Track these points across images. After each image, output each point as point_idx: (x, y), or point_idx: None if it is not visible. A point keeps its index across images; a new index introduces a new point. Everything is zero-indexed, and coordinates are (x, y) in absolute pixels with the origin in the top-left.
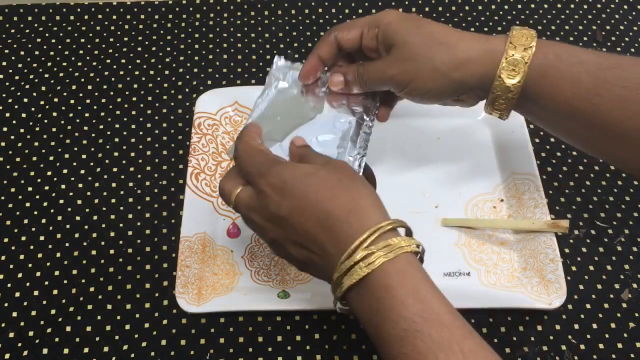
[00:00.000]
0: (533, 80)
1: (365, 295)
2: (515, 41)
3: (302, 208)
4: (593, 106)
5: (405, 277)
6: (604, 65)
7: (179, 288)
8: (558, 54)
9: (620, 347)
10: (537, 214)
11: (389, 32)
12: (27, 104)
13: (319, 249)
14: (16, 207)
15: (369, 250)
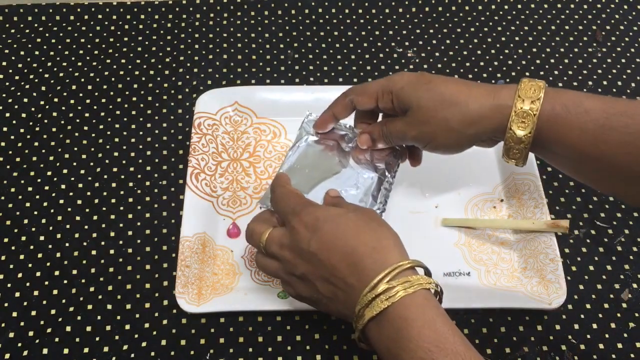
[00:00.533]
0: (542, 131)
1: (384, 327)
2: (524, 94)
3: (331, 243)
4: (600, 152)
5: (422, 311)
6: (609, 113)
7: (179, 288)
8: (565, 104)
9: (620, 347)
10: (537, 214)
11: (403, 97)
12: (27, 104)
13: (343, 283)
14: (16, 207)
15: (390, 285)
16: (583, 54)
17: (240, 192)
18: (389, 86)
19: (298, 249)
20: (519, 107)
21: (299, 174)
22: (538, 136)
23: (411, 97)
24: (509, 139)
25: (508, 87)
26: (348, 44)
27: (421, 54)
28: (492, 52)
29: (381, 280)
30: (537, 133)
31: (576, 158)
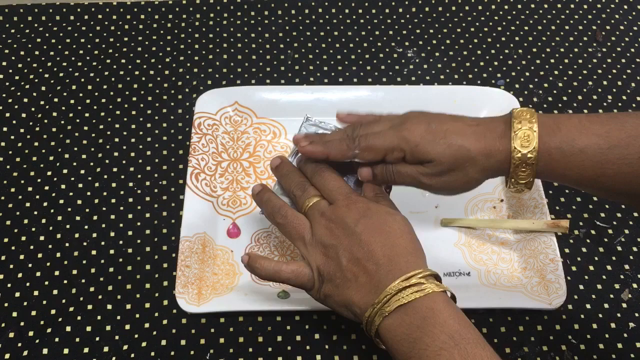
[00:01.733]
0: (542, 173)
1: (410, 315)
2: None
3: (377, 231)
4: (601, 184)
5: (448, 306)
6: (604, 147)
7: (179, 288)
8: (559, 147)
9: (620, 347)
10: (537, 214)
11: (420, 153)
12: (27, 104)
13: (373, 270)
14: (16, 207)
15: (421, 281)
16: (583, 54)
17: (240, 192)
18: (400, 144)
19: (342, 222)
20: (517, 158)
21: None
22: (539, 175)
23: (430, 153)
24: (513, 183)
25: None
26: (348, 44)
27: (421, 54)
28: (492, 52)
29: (413, 276)
30: (538, 174)
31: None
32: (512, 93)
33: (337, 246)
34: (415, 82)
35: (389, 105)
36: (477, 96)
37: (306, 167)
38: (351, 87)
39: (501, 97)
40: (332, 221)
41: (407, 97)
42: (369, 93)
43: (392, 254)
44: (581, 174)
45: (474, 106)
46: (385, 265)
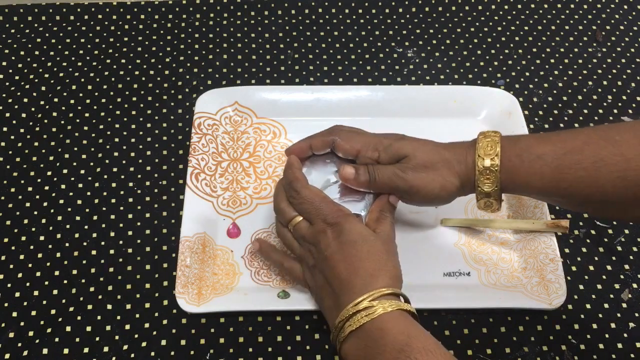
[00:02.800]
0: (506, 182)
1: (362, 339)
2: (482, 152)
3: (343, 254)
4: (562, 189)
5: (398, 323)
6: (560, 153)
7: (179, 288)
8: (518, 154)
9: (620, 347)
10: (537, 214)
11: (393, 150)
12: (27, 104)
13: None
14: (16, 207)
15: (371, 304)
16: (583, 54)
17: (240, 192)
18: (375, 144)
19: (317, 246)
20: (481, 165)
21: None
22: (504, 187)
23: (404, 148)
24: (478, 194)
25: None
26: (348, 44)
27: (421, 54)
28: (492, 52)
29: (364, 299)
30: (501, 184)
31: (542, 196)
32: (512, 93)
33: (315, 267)
34: (415, 82)
35: (389, 105)
36: (477, 96)
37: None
38: (351, 87)
39: (501, 97)
40: (310, 243)
41: (407, 97)
42: (369, 93)
43: (351, 277)
44: (541, 180)
45: (474, 106)
46: (345, 288)
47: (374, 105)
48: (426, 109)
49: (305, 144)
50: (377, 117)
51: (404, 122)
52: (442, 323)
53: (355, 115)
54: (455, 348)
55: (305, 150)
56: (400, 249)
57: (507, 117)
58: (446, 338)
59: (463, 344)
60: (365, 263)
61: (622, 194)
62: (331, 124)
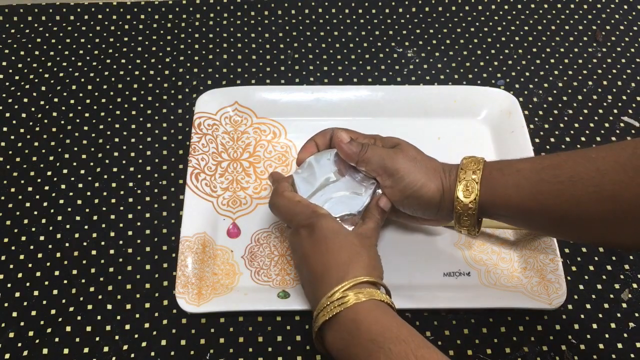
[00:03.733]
0: (485, 195)
1: (337, 330)
2: (466, 167)
3: (316, 250)
4: (539, 203)
5: (371, 313)
6: (538, 168)
7: (179, 288)
8: (500, 168)
9: (620, 347)
10: None
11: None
12: (27, 104)
13: (313, 286)
14: (16, 207)
15: (344, 294)
16: (583, 54)
17: (240, 192)
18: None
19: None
20: (462, 177)
21: (300, 180)
22: (482, 201)
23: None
24: (457, 206)
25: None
26: (348, 44)
27: (421, 54)
28: (492, 52)
29: (337, 290)
30: (481, 200)
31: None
32: (512, 93)
33: (298, 265)
34: (415, 82)
35: (389, 105)
36: (477, 96)
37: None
38: (351, 87)
39: (501, 97)
40: (291, 244)
41: (407, 97)
42: (369, 93)
43: (325, 271)
44: (519, 193)
45: (474, 106)
46: (320, 282)
47: (374, 105)
48: (426, 109)
49: (311, 144)
50: (377, 117)
51: (404, 122)
52: (442, 323)
53: (355, 115)
54: (455, 348)
55: (311, 148)
56: (401, 249)
57: (507, 117)
58: (446, 338)
59: (463, 344)
60: (337, 256)
61: (598, 210)
62: (331, 124)
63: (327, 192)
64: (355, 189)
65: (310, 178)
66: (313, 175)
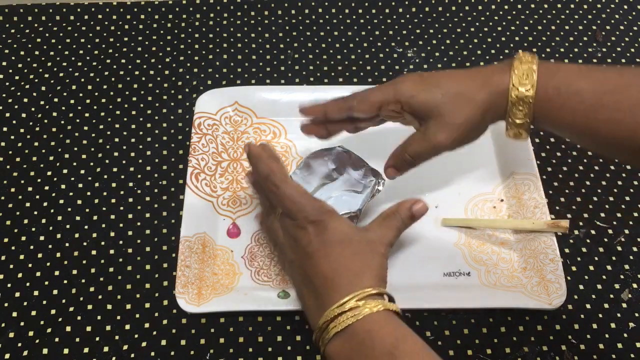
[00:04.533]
0: (537, 114)
1: (348, 340)
2: (517, 82)
3: (326, 254)
4: (593, 129)
5: (385, 325)
6: (600, 92)
7: (179, 288)
8: (556, 87)
9: (620, 347)
10: (537, 214)
11: (418, 106)
12: (27, 104)
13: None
14: (16, 207)
15: (357, 304)
16: (583, 54)
17: (240, 192)
18: (395, 95)
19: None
20: (514, 95)
21: (299, 179)
22: (535, 118)
23: (428, 105)
24: (509, 124)
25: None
26: (348, 44)
27: (421, 54)
28: (492, 52)
29: (349, 300)
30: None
31: (572, 134)
32: None
33: (294, 262)
34: None
35: None
36: None
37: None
38: (351, 87)
39: None
40: (292, 238)
41: None
42: None
43: (335, 277)
44: (575, 116)
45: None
46: (328, 287)
47: None
48: None
49: (319, 108)
50: None
51: None
52: (442, 323)
53: None
54: (455, 348)
55: (318, 114)
56: (401, 249)
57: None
58: (446, 338)
59: (463, 344)
60: (350, 263)
61: None
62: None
63: (326, 191)
64: (354, 186)
65: (308, 178)
66: (311, 175)
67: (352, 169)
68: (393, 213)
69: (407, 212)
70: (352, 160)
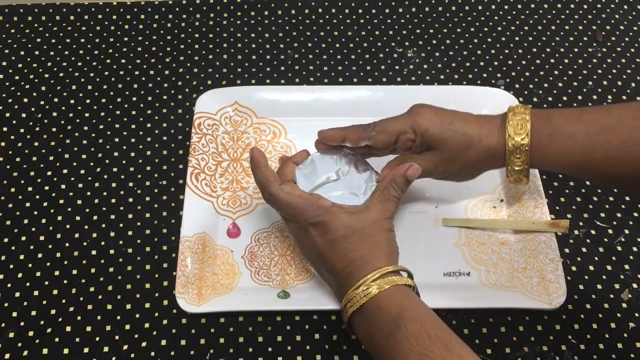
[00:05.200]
0: (535, 160)
1: (364, 316)
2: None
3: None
4: (591, 167)
5: (392, 298)
6: (592, 133)
7: (179, 288)
8: (550, 134)
9: (620, 347)
10: (537, 214)
11: (429, 138)
12: (27, 104)
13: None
14: (16, 207)
15: (368, 285)
16: (583, 54)
17: (240, 192)
18: (412, 127)
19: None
20: (511, 144)
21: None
22: (533, 163)
23: (438, 139)
24: (509, 171)
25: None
26: (348, 44)
27: (421, 54)
28: (492, 52)
29: (362, 283)
30: (532, 162)
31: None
32: (512, 93)
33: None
34: (415, 82)
35: (389, 105)
36: (477, 96)
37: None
38: (351, 87)
39: (501, 97)
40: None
41: (407, 97)
42: (369, 93)
43: (347, 268)
44: (572, 159)
45: (474, 106)
46: (343, 278)
47: (374, 105)
48: None
49: (339, 133)
50: (377, 117)
51: None
52: None
53: (355, 115)
54: None
55: (337, 140)
56: (401, 249)
57: None
58: None
59: None
60: (358, 252)
61: None
62: (331, 124)
63: (326, 190)
64: (355, 189)
65: (311, 175)
66: (314, 172)
67: (356, 171)
68: (389, 183)
69: (401, 179)
70: (358, 163)
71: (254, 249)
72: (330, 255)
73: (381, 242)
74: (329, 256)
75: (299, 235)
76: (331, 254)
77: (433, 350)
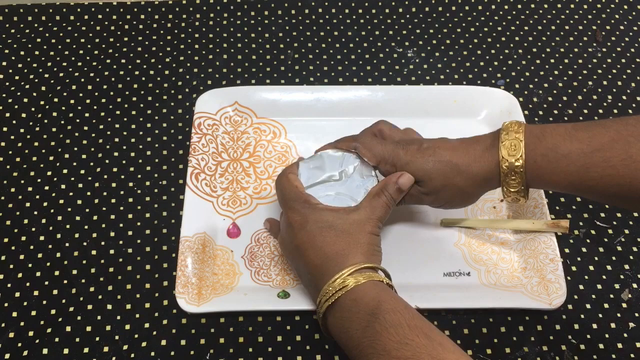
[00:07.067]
0: (531, 180)
1: (339, 310)
2: (506, 153)
3: (312, 244)
4: (588, 186)
5: (369, 291)
6: (587, 151)
7: (179, 288)
8: (544, 154)
9: (620, 347)
10: (537, 214)
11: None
12: (27, 104)
13: (311, 276)
14: (16, 207)
15: (344, 280)
16: (583, 54)
17: (240, 192)
18: (392, 160)
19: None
20: (505, 166)
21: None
22: (529, 184)
23: (419, 172)
24: (505, 192)
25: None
26: (348, 44)
27: (421, 54)
28: (492, 52)
29: (338, 277)
30: (527, 182)
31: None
32: (512, 93)
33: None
34: (415, 82)
35: (389, 105)
36: (477, 96)
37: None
38: (351, 87)
39: (501, 97)
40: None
41: (407, 97)
42: (369, 93)
43: (323, 262)
44: (568, 178)
45: (473, 106)
46: (319, 272)
47: (374, 105)
48: (426, 109)
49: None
50: (377, 117)
51: (404, 122)
52: (442, 323)
53: (355, 115)
54: None
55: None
56: (401, 249)
57: (507, 117)
58: None
59: (463, 344)
60: (335, 246)
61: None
62: (331, 124)
63: (326, 189)
64: (354, 193)
65: (315, 170)
66: (319, 168)
67: (359, 176)
68: (381, 190)
69: (393, 187)
70: (362, 167)
71: (254, 249)
72: (306, 248)
73: (360, 241)
74: (305, 249)
75: (283, 231)
76: (307, 246)
77: (413, 339)
